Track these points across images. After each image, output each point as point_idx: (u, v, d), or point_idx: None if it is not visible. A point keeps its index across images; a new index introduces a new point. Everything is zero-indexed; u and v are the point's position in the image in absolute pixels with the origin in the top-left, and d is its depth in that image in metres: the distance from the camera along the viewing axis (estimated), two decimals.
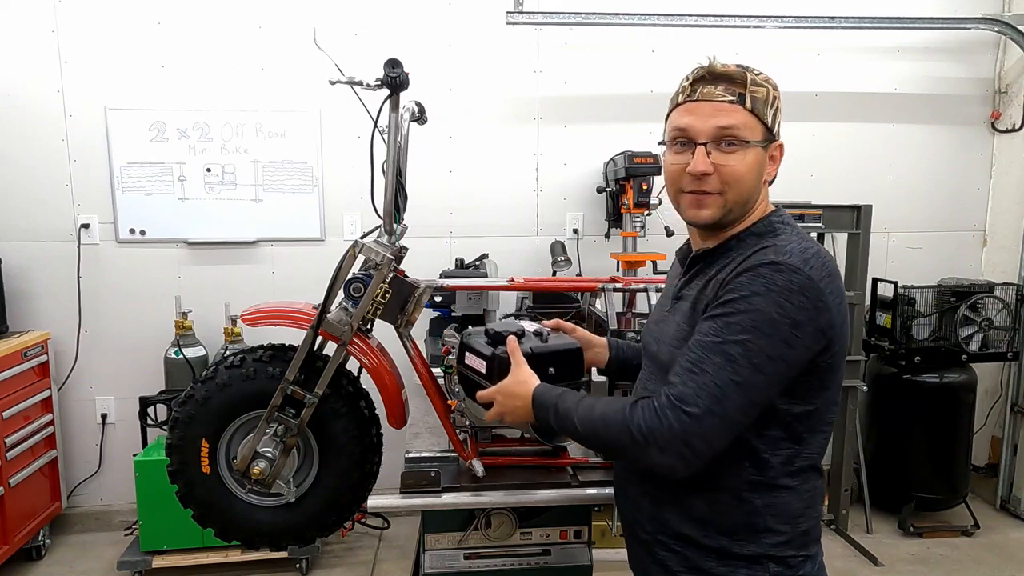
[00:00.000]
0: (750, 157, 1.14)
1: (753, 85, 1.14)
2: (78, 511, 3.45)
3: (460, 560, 1.73)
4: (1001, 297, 3.43)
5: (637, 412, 1.09)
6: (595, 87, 3.50)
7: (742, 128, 1.13)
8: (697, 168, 1.14)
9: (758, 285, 1.05)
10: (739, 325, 1.05)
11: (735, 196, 1.15)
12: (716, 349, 1.05)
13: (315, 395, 1.58)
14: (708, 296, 1.13)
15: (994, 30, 3.53)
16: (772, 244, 1.12)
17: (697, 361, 1.06)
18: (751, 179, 1.15)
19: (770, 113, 1.15)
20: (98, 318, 3.35)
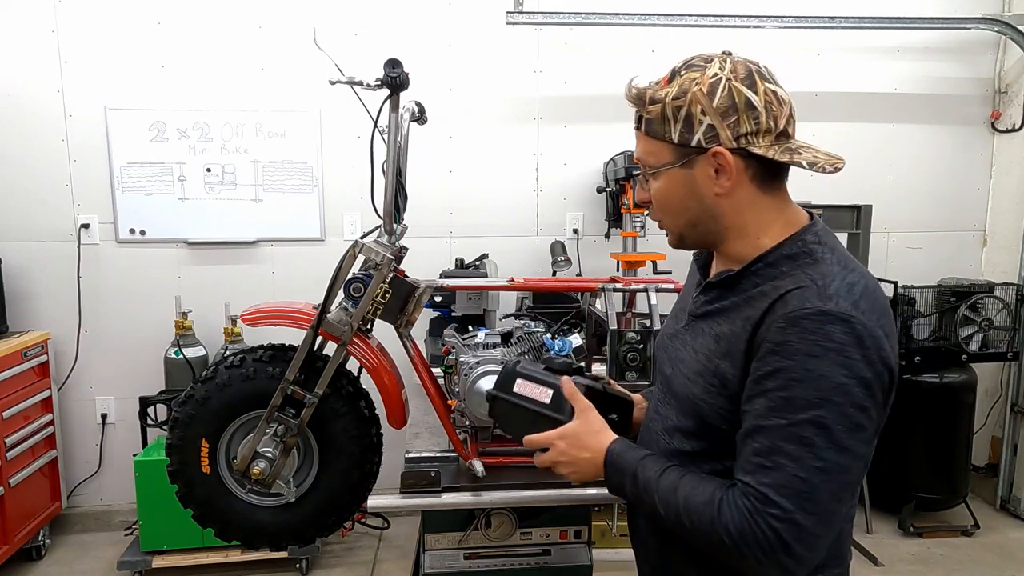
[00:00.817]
0: (662, 182, 1.05)
1: (650, 103, 1.03)
2: (78, 511, 3.45)
3: (460, 560, 1.73)
4: (1001, 297, 3.43)
5: (726, 512, 0.93)
6: (595, 87, 3.50)
7: (644, 156, 1.07)
8: (636, 197, 1.19)
9: (811, 345, 0.89)
10: (803, 400, 0.89)
11: (671, 222, 1.09)
12: (786, 435, 0.90)
13: (315, 395, 1.58)
14: (741, 337, 0.98)
15: (994, 30, 3.53)
16: (811, 278, 0.95)
17: (769, 452, 0.91)
18: (675, 203, 1.05)
19: (674, 128, 1.00)
20: (98, 318, 3.35)
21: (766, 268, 1.01)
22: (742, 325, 0.99)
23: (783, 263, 1.00)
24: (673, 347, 1.16)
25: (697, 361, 1.06)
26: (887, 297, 1.01)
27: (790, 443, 0.89)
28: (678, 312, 1.23)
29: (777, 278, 0.99)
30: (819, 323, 0.90)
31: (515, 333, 1.87)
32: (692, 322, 1.12)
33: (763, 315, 0.95)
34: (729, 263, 1.07)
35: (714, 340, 1.03)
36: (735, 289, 1.04)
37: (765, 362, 0.93)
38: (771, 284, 0.98)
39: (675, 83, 1.03)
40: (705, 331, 1.07)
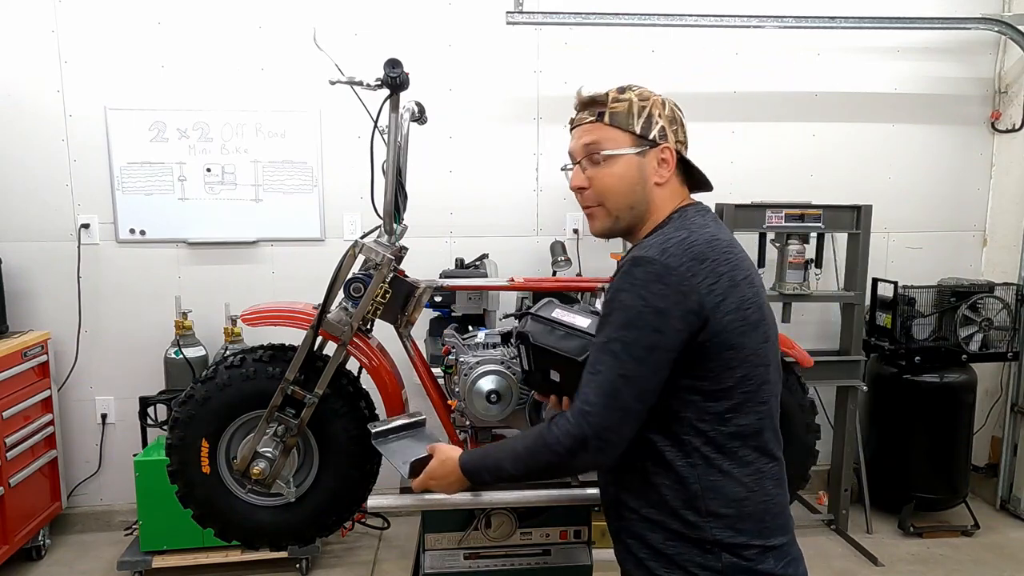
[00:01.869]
0: (618, 166, 1.23)
1: (614, 102, 1.24)
2: (78, 511, 3.45)
3: (460, 560, 1.73)
4: (1001, 297, 3.43)
5: (553, 430, 1.17)
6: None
7: (602, 141, 1.23)
8: (572, 183, 1.28)
9: (623, 282, 1.14)
10: (615, 323, 1.14)
11: (614, 203, 1.25)
12: (604, 349, 1.14)
13: (315, 395, 1.58)
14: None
15: (994, 30, 3.53)
16: (648, 239, 1.21)
17: (593, 363, 1.16)
18: (624, 186, 1.24)
19: (638, 121, 1.23)
20: (98, 318, 3.35)
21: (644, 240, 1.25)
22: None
23: (649, 238, 1.23)
24: None
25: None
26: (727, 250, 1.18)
27: (605, 354, 1.14)
28: None
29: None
30: (630, 266, 1.15)
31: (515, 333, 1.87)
32: None
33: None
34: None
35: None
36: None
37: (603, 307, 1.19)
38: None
39: (631, 91, 1.25)
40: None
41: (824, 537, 3.42)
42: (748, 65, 3.57)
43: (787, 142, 3.62)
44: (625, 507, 1.26)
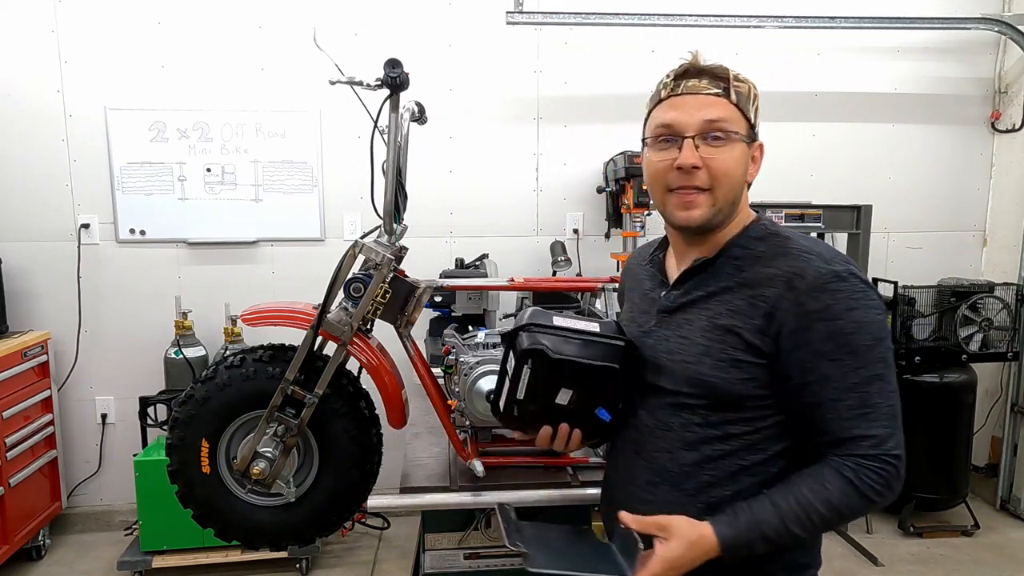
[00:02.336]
0: (737, 151, 1.12)
1: (736, 80, 1.14)
2: (78, 511, 3.45)
3: (460, 560, 1.73)
4: (1001, 297, 3.43)
5: (865, 481, 1.04)
6: (595, 87, 3.50)
7: (729, 120, 1.11)
8: (687, 161, 1.10)
9: (845, 300, 1.04)
10: (864, 346, 1.04)
11: (724, 193, 1.13)
12: (867, 380, 1.05)
13: (315, 395, 1.58)
14: (749, 315, 1.09)
15: (994, 30, 3.53)
16: (800, 251, 1.10)
17: (862, 403, 1.05)
18: (738, 174, 1.14)
19: (752, 110, 1.15)
20: (98, 318, 3.35)
21: (740, 250, 1.15)
22: (748, 305, 1.10)
23: (752, 244, 1.15)
24: (647, 346, 1.20)
25: (695, 343, 1.13)
26: None
27: (872, 385, 1.05)
28: (636, 317, 1.27)
29: (759, 258, 1.12)
30: (838, 282, 1.05)
31: None
32: (664, 317, 1.20)
33: (780, 294, 1.07)
34: (701, 251, 1.18)
35: (708, 323, 1.13)
36: (714, 274, 1.15)
37: (814, 331, 1.05)
38: (761, 266, 1.11)
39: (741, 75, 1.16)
40: (690, 320, 1.15)
41: (824, 537, 3.42)
42: (748, 65, 3.53)
43: (787, 142, 3.62)
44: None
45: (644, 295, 1.28)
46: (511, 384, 1.19)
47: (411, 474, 1.75)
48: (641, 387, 1.20)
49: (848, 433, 1.05)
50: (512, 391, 1.20)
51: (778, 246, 1.12)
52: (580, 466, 1.74)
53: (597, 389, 1.17)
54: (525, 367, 1.17)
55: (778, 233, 1.16)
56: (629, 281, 1.39)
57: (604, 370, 1.16)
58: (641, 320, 1.25)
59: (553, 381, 1.18)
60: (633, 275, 1.37)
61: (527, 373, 1.17)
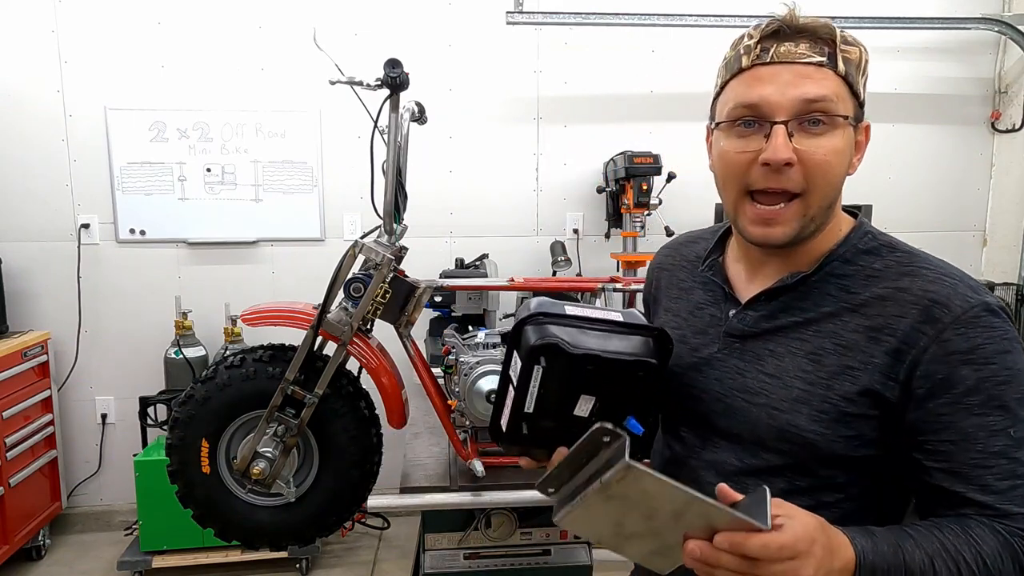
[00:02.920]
0: (843, 139, 0.85)
1: (844, 44, 0.85)
2: (78, 511, 3.45)
3: (460, 560, 1.73)
4: (1001, 297, 3.42)
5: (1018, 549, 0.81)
6: (595, 87, 3.50)
7: (835, 99, 0.84)
8: (778, 155, 0.83)
9: (999, 341, 0.82)
10: (1016, 399, 0.82)
11: (821, 197, 0.86)
12: (1017, 441, 0.82)
13: (315, 395, 1.58)
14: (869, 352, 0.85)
15: (994, 30, 3.53)
16: (932, 270, 0.86)
17: (1012, 471, 0.82)
18: (841, 171, 0.87)
19: (862, 81, 0.87)
20: (98, 318, 3.35)
21: (847, 266, 0.90)
22: (866, 339, 0.85)
23: (861, 258, 0.90)
24: (709, 379, 0.95)
25: (787, 386, 0.88)
26: None
27: (1022, 449, 0.82)
28: (684, 336, 1.01)
29: (877, 277, 0.87)
30: (992, 317, 0.82)
31: None
32: (735, 344, 0.94)
33: (915, 327, 0.83)
34: (789, 264, 0.92)
35: (808, 360, 0.88)
36: (810, 294, 0.90)
37: (958, 377, 0.81)
38: (884, 287, 0.86)
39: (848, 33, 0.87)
40: (777, 353, 0.90)
41: None
42: None
43: None
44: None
45: (696, 309, 1.02)
46: (517, 394, 0.92)
47: (411, 474, 1.75)
48: (698, 428, 0.97)
49: (996, 511, 0.82)
50: (519, 403, 0.92)
51: (901, 263, 0.88)
52: None
53: (627, 393, 0.91)
54: (536, 368, 0.89)
55: (895, 246, 0.90)
56: (665, 283, 1.10)
57: (638, 366, 0.90)
58: (696, 343, 0.99)
59: (572, 385, 0.90)
60: (672, 278, 1.10)
61: (538, 376, 0.90)
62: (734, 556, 0.70)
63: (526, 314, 0.95)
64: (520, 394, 0.92)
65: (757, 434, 0.89)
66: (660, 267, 1.13)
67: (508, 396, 0.95)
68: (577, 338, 0.91)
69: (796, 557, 0.70)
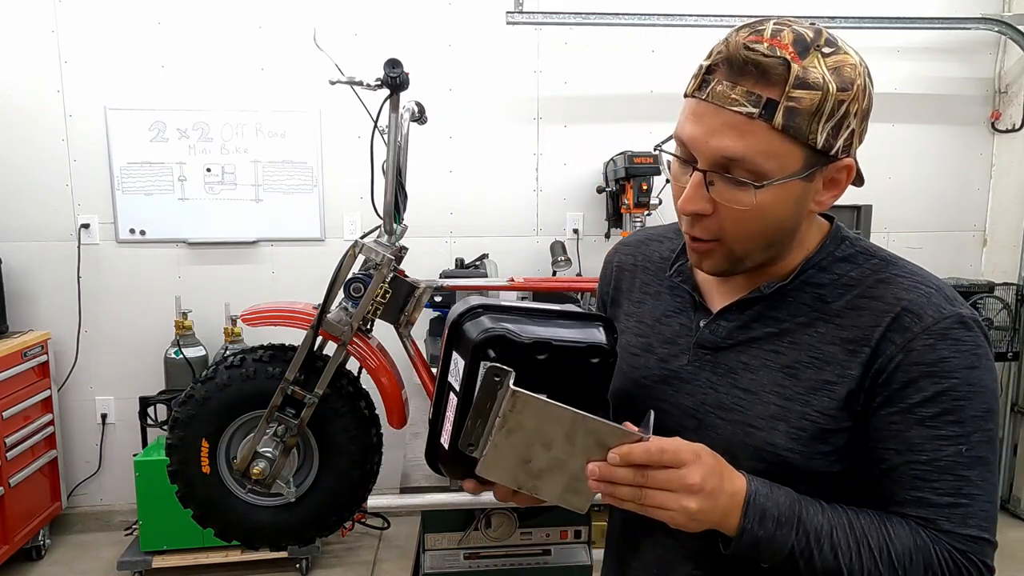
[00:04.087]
0: (766, 196, 0.77)
1: (797, 87, 0.73)
2: (78, 511, 3.45)
3: (460, 560, 1.73)
4: (1001, 297, 3.43)
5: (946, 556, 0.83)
6: (595, 87, 3.50)
7: (756, 157, 0.75)
8: (685, 207, 0.80)
9: (966, 356, 0.79)
10: (974, 417, 0.80)
11: (745, 245, 0.82)
12: (968, 462, 0.80)
13: (315, 395, 1.58)
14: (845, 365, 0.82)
15: (994, 30, 3.53)
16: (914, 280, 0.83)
17: (956, 489, 0.81)
18: (768, 222, 0.80)
19: (824, 126, 0.75)
20: (98, 318, 3.35)
21: (823, 274, 0.86)
22: (843, 351, 0.82)
23: (838, 266, 0.86)
24: (679, 393, 0.91)
25: (763, 402, 0.85)
26: None
27: (973, 469, 0.80)
28: (650, 344, 0.96)
29: (854, 286, 0.85)
30: (963, 330, 0.79)
31: None
32: (706, 356, 0.90)
33: (884, 335, 0.80)
34: (760, 277, 0.88)
35: (783, 373, 0.84)
36: (785, 303, 0.86)
37: (916, 387, 0.79)
38: (858, 295, 0.84)
39: (819, 62, 0.74)
40: (751, 366, 0.86)
41: None
42: None
43: None
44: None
45: (664, 317, 0.96)
46: (461, 402, 0.79)
47: (411, 474, 1.75)
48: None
49: (931, 525, 0.82)
50: (460, 415, 0.78)
51: (877, 270, 0.85)
52: None
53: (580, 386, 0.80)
54: (482, 366, 0.75)
55: (871, 253, 0.87)
56: (627, 286, 1.04)
57: (591, 352, 0.80)
58: (663, 353, 0.94)
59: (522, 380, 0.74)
60: (634, 280, 1.03)
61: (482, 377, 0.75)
62: (626, 468, 0.72)
63: (463, 308, 0.84)
64: (465, 401, 0.79)
65: (731, 452, 0.83)
66: (620, 266, 1.06)
67: (449, 408, 0.83)
68: (524, 327, 0.80)
69: (682, 465, 0.73)
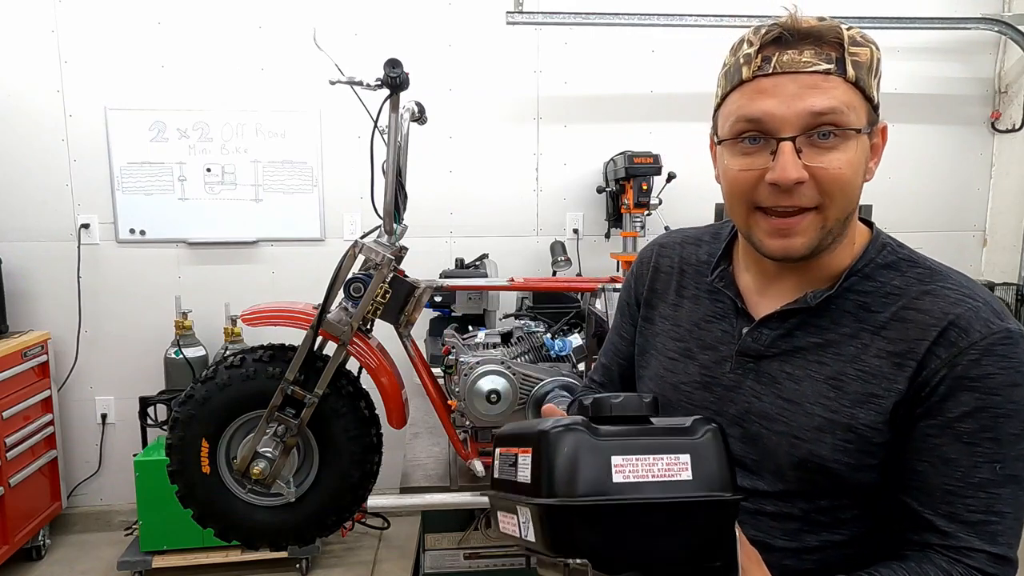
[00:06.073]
0: (857, 151, 0.79)
1: (853, 45, 0.80)
2: (78, 511, 3.45)
3: (460, 560, 1.73)
4: (1001, 297, 3.42)
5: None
6: (595, 87, 3.50)
7: (846, 108, 0.77)
8: (787, 176, 0.77)
9: (1012, 374, 0.76)
10: (1011, 435, 0.77)
11: (839, 210, 0.80)
12: (1002, 479, 0.77)
13: (315, 395, 1.58)
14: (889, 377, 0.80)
15: (994, 30, 3.53)
16: (954, 289, 0.83)
17: (988, 507, 0.77)
18: (858, 182, 0.81)
19: (874, 83, 0.81)
20: (98, 318, 3.35)
21: (866, 282, 0.84)
22: (890, 364, 0.80)
23: (881, 274, 0.84)
24: (722, 400, 0.89)
25: (808, 413, 0.83)
26: None
27: (1007, 487, 0.77)
28: (690, 349, 0.94)
29: (898, 296, 0.83)
30: (1011, 346, 0.77)
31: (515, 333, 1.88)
32: (749, 364, 0.88)
33: (930, 349, 0.78)
34: (804, 278, 0.86)
35: (827, 385, 0.83)
36: (828, 313, 0.84)
37: (956, 401, 0.77)
38: (902, 307, 0.82)
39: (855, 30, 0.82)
40: (795, 376, 0.84)
41: None
42: None
43: None
44: None
45: (703, 321, 0.94)
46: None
47: (411, 474, 1.75)
48: None
49: (960, 541, 0.78)
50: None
51: (921, 280, 0.84)
52: None
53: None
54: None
55: (915, 260, 0.86)
56: (662, 287, 1.01)
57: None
58: (704, 359, 0.92)
59: None
60: (670, 281, 1.01)
61: None
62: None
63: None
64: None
65: (776, 462, 0.83)
66: (657, 267, 1.03)
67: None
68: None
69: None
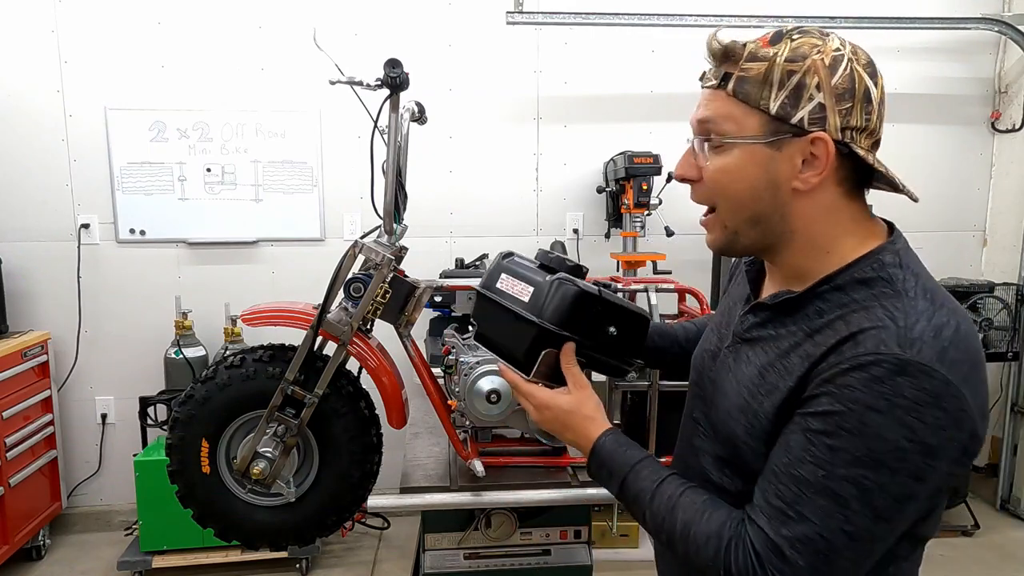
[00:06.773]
0: (732, 158, 0.86)
1: (749, 59, 0.85)
2: (78, 511, 3.45)
3: (460, 560, 1.73)
4: (1001, 297, 3.43)
5: (733, 552, 0.82)
6: (595, 87, 3.50)
7: (719, 119, 0.86)
8: (676, 170, 0.94)
9: (875, 397, 0.75)
10: (850, 454, 0.76)
11: (728, 212, 0.90)
12: (821, 488, 0.77)
13: (315, 395, 1.58)
14: (792, 374, 0.84)
15: (994, 30, 3.53)
16: (890, 315, 0.79)
17: (796, 501, 0.79)
18: (744, 189, 0.87)
19: (776, 94, 0.83)
20: (98, 318, 3.35)
21: (833, 292, 0.86)
22: (798, 362, 0.84)
23: (854, 288, 0.85)
24: (715, 370, 1.01)
25: (739, 395, 0.91)
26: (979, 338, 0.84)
27: (822, 497, 0.77)
28: (720, 326, 1.06)
29: (847, 307, 0.84)
30: (892, 373, 0.74)
31: None
32: (736, 344, 0.97)
33: (826, 353, 0.81)
34: (787, 280, 0.93)
35: (758, 372, 0.90)
36: (793, 315, 0.89)
37: (816, 401, 0.79)
38: (839, 316, 0.83)
39: (784, 45, 0.85)
40: (750, 359, 0.92)
41: None
42: None
43: None
44: None
45: (734, 304, 1.06)
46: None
47: (411, 474, 1.75)
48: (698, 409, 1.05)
49: (757, 517, 0.82)
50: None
51: (876, 297, 0.83)
52: (580, 466, 1.74)
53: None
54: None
55: (892, 279, 0.85)
56: (732, 277, 1.16)
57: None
58: (723, 333, 1.04)
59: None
60: (739, 265, 1.13)
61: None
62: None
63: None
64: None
65: (723, 432, 0.94)
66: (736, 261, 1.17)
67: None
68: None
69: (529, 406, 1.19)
